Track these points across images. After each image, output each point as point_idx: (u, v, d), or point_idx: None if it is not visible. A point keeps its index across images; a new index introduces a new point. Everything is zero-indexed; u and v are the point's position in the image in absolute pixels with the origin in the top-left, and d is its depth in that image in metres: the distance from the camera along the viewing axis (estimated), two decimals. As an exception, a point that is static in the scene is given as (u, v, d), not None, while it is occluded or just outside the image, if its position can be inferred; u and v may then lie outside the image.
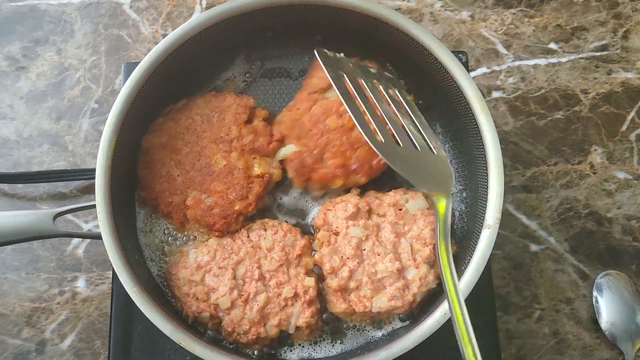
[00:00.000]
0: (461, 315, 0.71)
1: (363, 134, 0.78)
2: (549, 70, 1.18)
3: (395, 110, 0.86)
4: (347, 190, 0.96)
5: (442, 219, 0.81)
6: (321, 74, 0.98)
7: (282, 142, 0.96)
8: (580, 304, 1.05)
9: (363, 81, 0.85)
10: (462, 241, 0.94)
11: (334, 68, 0.84)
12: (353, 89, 0.82)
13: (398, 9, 1.21)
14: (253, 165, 0.94)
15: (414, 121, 0.89)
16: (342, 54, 0.91)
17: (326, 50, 0.88)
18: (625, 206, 1.10)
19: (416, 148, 0.84)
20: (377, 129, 0.81)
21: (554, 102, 1.16)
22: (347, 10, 0.92)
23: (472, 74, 1.17)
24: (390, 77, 0.93)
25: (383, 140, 0.80)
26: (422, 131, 0.89)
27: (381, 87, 0.88)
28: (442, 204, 0.82)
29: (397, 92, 0.91)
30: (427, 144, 0.87)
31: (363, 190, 0.96)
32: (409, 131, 0.85)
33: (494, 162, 0.86)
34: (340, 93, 0.80)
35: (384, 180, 0.97)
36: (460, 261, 0.89)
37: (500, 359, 0.94)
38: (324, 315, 0.91)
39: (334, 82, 0.81)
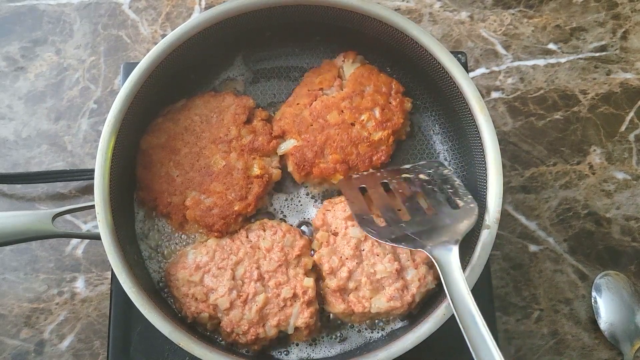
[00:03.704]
0: None
1: (360, 227, 0.87)
2: (548, 70, 1.18)
3: (409, 192, 0.90)
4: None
5: (445, 272, 0.77)
6: (324, 75, 0.98)
7: (282, 138, 0.96)
8: (579, 304, 1.05)
9: (386, 181, 0.92)
10: (461, 242, 0.93)
11: (352, 187, 0.92)
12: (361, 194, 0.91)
13: (397, 10, 1.21)
14: (252, 165, 0.94)
15: (440, 191, 0.90)
16: (371, 170, 0.95)
17: (351, 175, 0.94)
18: (624, 206, 1.10)
19: (430, 214, 0.87)
20: (384, 217, 0.87)
21: (553, 103, 1.16)
22: (346, 10, 0.92)
23: (471, 74, 1.17)
24: (422, 164, 0.97)
25: (383, 224, 0.86)
26: (450, 194, 0.89)
27: (410, 176, 0.93)
28: (445, 257, 0.79)
29: (428, 172, 0.94)
30: (451, 203, 0.88)
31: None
32: (426, 204, 0.89)
33: (493, 163, 0.86)
34: (349, 205, 0.90)
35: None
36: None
37: None
38: (330, 316, 0.91)
39: (346, 200, 0.91)
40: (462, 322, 0.72)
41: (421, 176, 0.93)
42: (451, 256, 0.79)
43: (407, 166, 0.97)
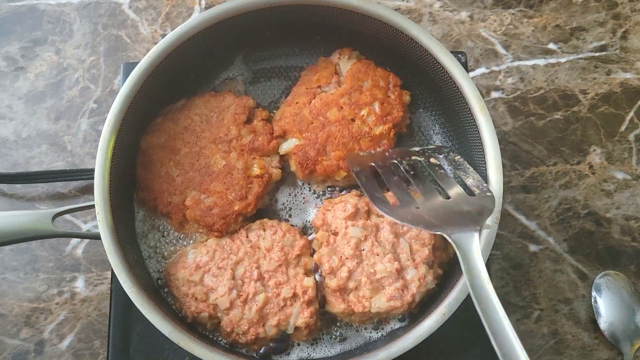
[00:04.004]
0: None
1: (373, 205, 0.84)
2: (548, 70, 1.18)
3: (420, 176, 0.90)
4: (347, 187, 0.97)
5: (465, 257, 0.76)
6: (321, 73, 0.98)
7: (283, 137, 0.96)
8: (579, 304, 1.05)
9: (396, 161, 0.91)
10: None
11: (362, 164, 0.90)
12: (371, 174, 0.89)
13: (397, 10, 1.21)
14: (252, 165, 0.94)
15: (453, 176, 0.90)
16: (378, 149, 0.94)
17: (359, 152, 0.93)
18: (624, 206, 1.10)
19: (444, 198, 0.86)
20: (397, 197, 0.85)
21: (553, 103, 1.16)
22: (346, 10, 0.92)
23: (471, 74, 1.17)
24: (431, 148, 0.96)
25: (398, 204, 0.84)
26: (464, 180, 0.89)
27: (421, 159, 0.93)
28: (466, 242, 0.78)
29: (438, 157, 0.93)
30: (465, 189, 0.87)
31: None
32: (439, 187, 0.88)
33: (493, 162, 0.86)
34: (359, 182, 0.87)
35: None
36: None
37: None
38: (324, 315, 0.91)
39: (355, 176, 0.88)
40: (481, 309, 0.71)
41: (432, 160, 0.92)
42: (472, 243, 0.78)
43: (417, 149, 0.95)
